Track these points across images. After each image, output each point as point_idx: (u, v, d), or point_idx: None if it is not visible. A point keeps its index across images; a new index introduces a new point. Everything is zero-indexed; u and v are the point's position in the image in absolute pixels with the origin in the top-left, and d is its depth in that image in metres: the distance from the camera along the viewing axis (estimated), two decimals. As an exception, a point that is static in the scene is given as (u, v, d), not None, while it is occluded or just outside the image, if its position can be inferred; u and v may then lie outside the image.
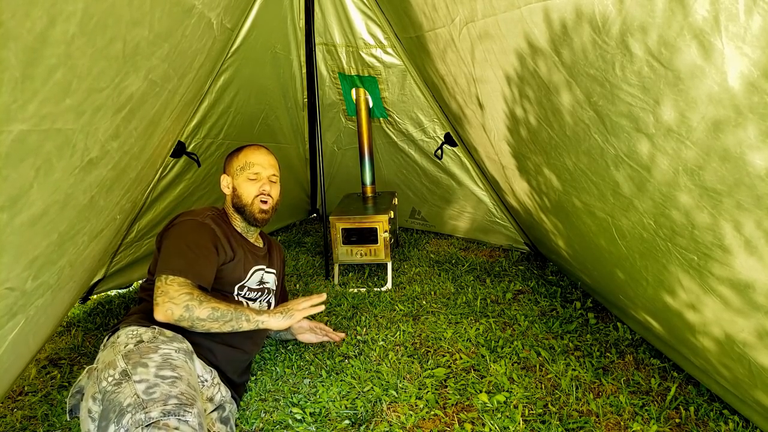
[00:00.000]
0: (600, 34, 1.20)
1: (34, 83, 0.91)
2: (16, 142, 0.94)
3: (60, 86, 0.98)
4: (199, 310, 1.73)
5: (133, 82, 1.31)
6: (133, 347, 1.58)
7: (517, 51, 1.63)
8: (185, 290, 1.74)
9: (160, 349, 1.58)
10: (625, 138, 1.34)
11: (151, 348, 1.58)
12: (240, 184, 2.12)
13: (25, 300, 1.34)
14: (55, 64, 0.93)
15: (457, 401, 1.93)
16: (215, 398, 1.75)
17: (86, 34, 0.99)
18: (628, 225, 1.61)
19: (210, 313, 1.74)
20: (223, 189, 2.16)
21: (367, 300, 2.90)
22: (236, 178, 2.14)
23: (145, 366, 1.49)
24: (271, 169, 2.19)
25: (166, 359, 1.55)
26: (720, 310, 1.39)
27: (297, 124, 3.96)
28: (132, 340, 1.62)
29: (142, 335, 1.65)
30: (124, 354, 1.55)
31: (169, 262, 1.81)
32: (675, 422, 1.76)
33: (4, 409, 2.03)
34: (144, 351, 1.56)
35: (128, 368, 1.48)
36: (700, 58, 0.98)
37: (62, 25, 0.91)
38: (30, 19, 0.82)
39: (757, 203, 1.05)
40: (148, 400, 1.38)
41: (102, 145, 1.29)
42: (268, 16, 3.05)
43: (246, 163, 2.14)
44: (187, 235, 1.90)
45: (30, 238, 1.18)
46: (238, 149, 2.22)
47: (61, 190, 1.19)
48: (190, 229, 1.93)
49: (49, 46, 0.90)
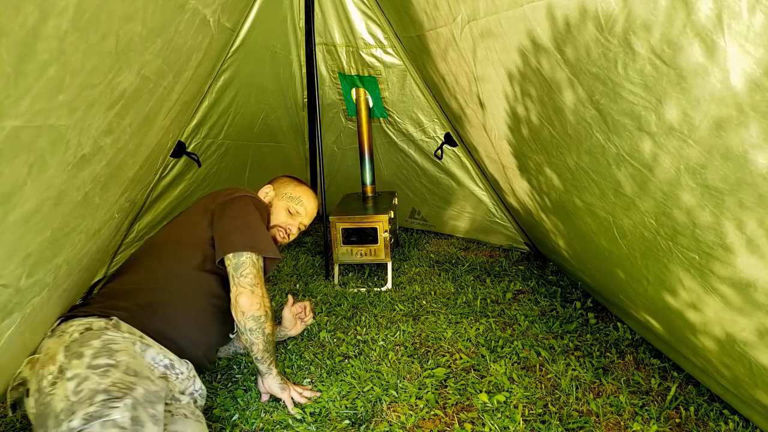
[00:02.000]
0: (603, 32, 1.19)
1: (27, 79, 0.90)
2: (9, 138, 0.93)
3: (53, 82, 0.97)
4: (269, 324, 1.81)
5: (126, 78, 1.30)
6: (77, 336, 1.47)
7: (519, 49, 1.62)
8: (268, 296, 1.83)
9: (105, 335, 1.46)
10: (627, 137, 1.33)
11: (94, 335, 1.46)
12: (279, 206, 2.17)
13: (21, 298, 1.33)
14: (47, 59, 0.93)
15: (457, 401, 1.92)
16: (187, 390, 1.68)
17: (79, 29, 0.98)
18: (629, 224, 1.60)
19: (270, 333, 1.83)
20: (261, 194, 2.22)
21: (367, 300, 2.89)
22: (280, 199, 2.20)
23: (80, 357, 1.37)
24: (308, 219, 2.27)
25: (107, 344, 1.43)
26: (721, 310, 1.38)
27: (297, 124, 3.95)
28: (80, 329, 1.51)
29: (93, 324, 1.53)
30: (66, 345, 1.43)
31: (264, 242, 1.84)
32: (675, 422, 1.75)
33: (4, 409, 2.02)
34: (86, 338, 1.44)
35: (64, 363, 1.37)
36: (703, 56, 0.97)
37: (54, 20, 0.90)
38: (21, 14, 0.82)
39: (759, 202, 1.05)
40: (75, 402, 1.26)
41: (95, 141, 1.28)
42: (268, 16, 3.05)
43: (298, 199, 2.22)
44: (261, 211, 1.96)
45: (23, 235, 1.17)
46: (300, 182, 2.31)
47: (54, 186, 1.18)
48: (261, 207, 1.98)
49: (42, 42, 0.89)
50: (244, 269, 1.76)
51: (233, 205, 1.91)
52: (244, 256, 1.77)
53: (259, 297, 1.76)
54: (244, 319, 1.75)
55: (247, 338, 1.79)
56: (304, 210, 2.22)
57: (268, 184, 2.27)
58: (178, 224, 1.98)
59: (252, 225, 1.86)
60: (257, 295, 1.76)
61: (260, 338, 1.79)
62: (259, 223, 1.89)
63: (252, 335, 1.78)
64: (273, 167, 3.85)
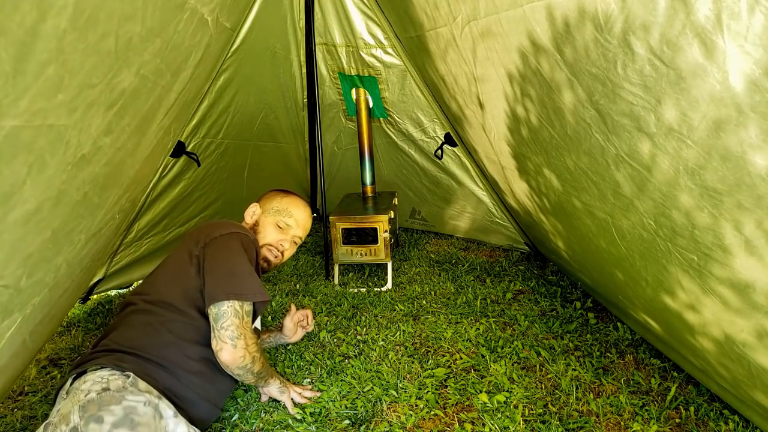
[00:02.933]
0: (602, 33, 1.19)
1: (26, 78, 0.90)
2: (9, 138, 0.94)
3: (52, 82, 0.97)
4: (257, 364, 1.72)
5: (125, 78, 1.30)
6: (95, 396, 1.37)
7: (519, 49, 1.62)
8: (255, 338, 1.71)
9: (125, 401, 1.37)
10: (626, 137, 1.33)
11: (114, 398, 1.37)
12: (266, 222, 2.04)
13: (21, 298, 1.33)
14: (46, 59, 0.93)
15: (457, 401, 1.92)
16: None
17: (78, 29, 0.98)
18: (628, 225, 1.60)
19: (260, 369, 1.74)
20: (247, 216, 2.08)
21: (367, 300, 2.89)
22: (267, 215, 2.06)
23: (99, 421, 1.30)
24: (301, 231, 2.11)
25: (128, 414, 1.35)
26: (719, 311, 1.38)
27: (297, 123, 3.95)
28: (96, 387, 1.40)
29: (111, 383, 1.42)
30: (82, 405, 1.34)
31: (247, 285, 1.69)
32: (675, 422, 1.75)
33: (4, 409, 2.03)
34: (105, 401, 1.35)
35: (80, 425, 1.29)
36: (702, 56, 0.97)
37: (53, 19, 0.90)
38: (20, 13, 0.82)
39: (758, 203, 1.05)
40: None
41: (94, 141, 1.28)
42: (268, 16, 3.05)
43: (285, 211, 2.07)
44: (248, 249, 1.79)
45: (23, 236, 1.17)
46: (287, 193, 2.15)
47: (53, 186, 1.18)
48: (248, 244, 1.82)
49: (40, 41, 0.89)
50: (225, 320, 1.63)
51: (214, 248, 1.76)
52: (225, 306, 1.64)
53: (242, 349, 1.64)
54: (229, 371, 1.68)
55: (243, 380, 1.76)
56: (294, 221, 2.07)
57: (255, 202, 2.12)
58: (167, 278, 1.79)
59: (234, 268, 1.71)
60: (240, 347, 1.63)
61: (250, 377, 1.74)
62: (242, 263, 1.74)
63: (241, 378, 1.73)
64: (272, 167, 3.85)
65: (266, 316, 2.76)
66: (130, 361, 1.54)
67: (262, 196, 2.15)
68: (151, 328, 1.66)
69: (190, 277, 1.73)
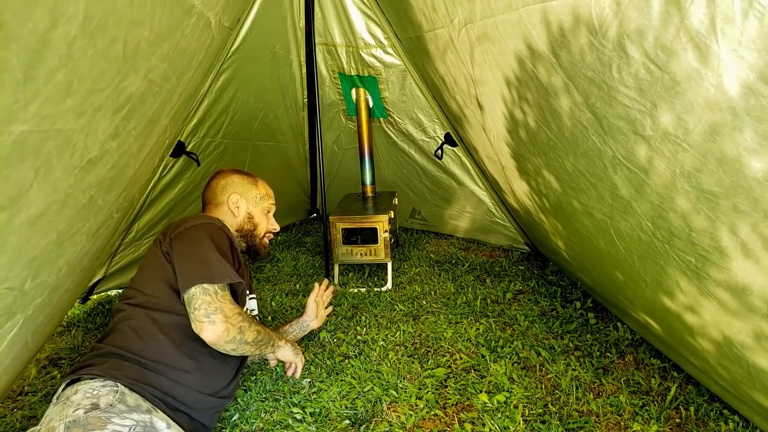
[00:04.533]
0: (597, 37, 1.20)
1: (36, 84, 0.91)
2: (17, 143, 0.95)
3: (61, 87, 0.99)
4: (248, 332, 1.67)
5: (132, 82, 1.31)
6: (82, 415, 1.34)
7: (515, 53, 1.63)
8: (237, 309, 1.66)
9: (110, 424, 1.34)
10: (622, 140, 1.34)
11: (100, 421, 1.33)
12: (257, 213, 2.09)
13: (24, 299, 1.34)
14: (56, 65, 0.94)
15: (457, 401, 1.93)
16: None
17: (87, 35, 0.99)
18: (626, 227, 1.61)
19: (254, 337, 1.70)
20: (233, 208, 2.05)
21: (367, 300, 2.91)
22: (254, 206, 2.09)
23: None
24: (274, 207, 2.20)
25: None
26: (718, 313, 1.39)
27: (297, 123, 3.96)
28: (85, 403, 1.38)
29: (100, 399, 1.40)
30: (67, 424, 1.31)
31: (215, 269, 1.66)
32: (675, 422, 1.76)
33: (4, 409, 2.04)
34: (91, 423, 1.32)
35: None
36: (697, 61, 0.98)
37: (64, 26, 0.91)
38: (32, 21, 0.83)
39: (754, 206, 1.06)
40: None
41: (101, 145, 1.29)
42: (267, 16, 3.06)
43: (266, 195, 2.14)
44: (214, 237, 1.76)
45: (29, 238, 1.18)
46: (251, 176, 2.15)
47: (60, 190, 1.19)
48: (214, 231, 1.80)
49: (51, 47, 0.91)
50: (195, 302, 1.60)
51: (179, 242, 1.74)
52: (193, 290, 1.61)
53: (222, 323, 1.59)
54: (220, 348, 1.63)
55: (242, 352, 1.71)
56: (273, 203, 2.17)
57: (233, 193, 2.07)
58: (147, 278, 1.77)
59: (199, 256, 1.69)
60: (218, 322, 1.59)
61: (249, 348, 1.70)
62: (207, 251, 1.71)
63: (236, 352, 1.68)
64: (272, 167, 3.86)
65: (266, 316, 2.78)
66: (126, 368, 1.54)
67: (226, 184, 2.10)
68: (143, 331, 1.64)
69: (168, 272, 1.73)
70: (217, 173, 2.12)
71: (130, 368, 1.54)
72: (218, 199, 2.06)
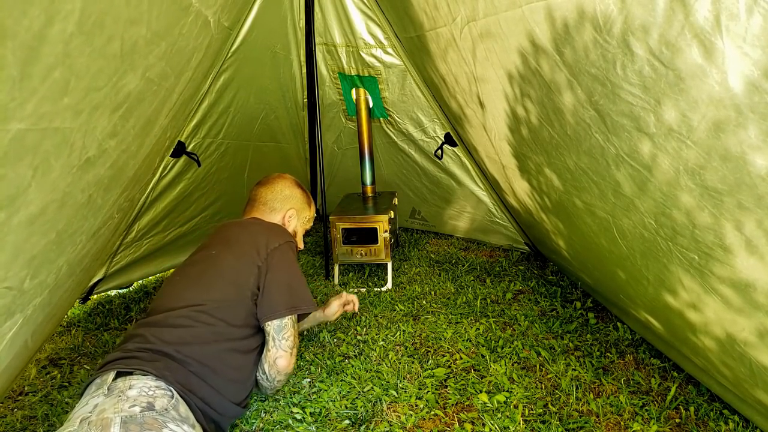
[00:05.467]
0: (601, 34, 1.20)
1: (32, 82, 0.91)
2: (15, 141, 0.94)
3: (58, 85, 0.98)
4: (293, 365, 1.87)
5: (130, 81, 1.30)
6: (138, 413, 1.34)
7: (518, 50, 1.63)
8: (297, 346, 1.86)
9: (166, 429, 1.35)
10: (626, 137, 1.34)
11: (156, 423, 1.34)
12: (300, 231, 2.22)
13: (23, 299, 1.33)
14: (53, 62, 0.93)
15: (457, 401, 1.92)
16: None
17: (84, 33, 0.99)
18: (629, 224, 1.61)
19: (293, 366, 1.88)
20: (286, 221, 2.13)
21: (367, 300, 2.90)
22: (302, 225, 2.23)
23: None
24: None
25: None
26: (721, 310, 1.38)
27: (297, 123, 3.95)
28: (142, 400, 1.39)
29: (156, 400, 1.41)
30: (123, 419, 1.31)
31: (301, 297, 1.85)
32: (675, 422, 1.75)
33: (4, 409, 2.03)
34: (147, 425, 1.32)
35: None
36: (701, 57, 0.98)
37: (60, 23, 0.90)
38: (28, 18, 0.82)
39: (758, 203, 1.05)
40: None
41: (99, 144, 1.29)
42: (268, 16, 3.05)
43: (311, 218, 2.29)
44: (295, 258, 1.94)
45: (28, 238, 1.17)
46: (308, 195, 2.26)
47: (59, 189, 1.19)
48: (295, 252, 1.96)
49: (47, 45, 0.90)
50: (286, 332, 1.78)
51: (276, 259, 1.83)
52: (286, 319, 1.79)
53: (295, 357, 1.83)
54: (278, 377, 1.83)
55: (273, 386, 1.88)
56: (312, 222, 2.31)
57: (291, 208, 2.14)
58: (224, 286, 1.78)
59: (295, 282, 1.86)
60: (294, 356, 1.82)
61: (284, 380, 1.89)
62: (299, 274, 1.90)
63: (278, 382, 1.87)
64: (272, 167, 3.84)
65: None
66: (175, 370, 1.54)
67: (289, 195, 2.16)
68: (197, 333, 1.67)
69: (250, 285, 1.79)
70: (281, 178, 2.21)
71: (179, 370, 1.55)
72: (276, 206, 2.14)
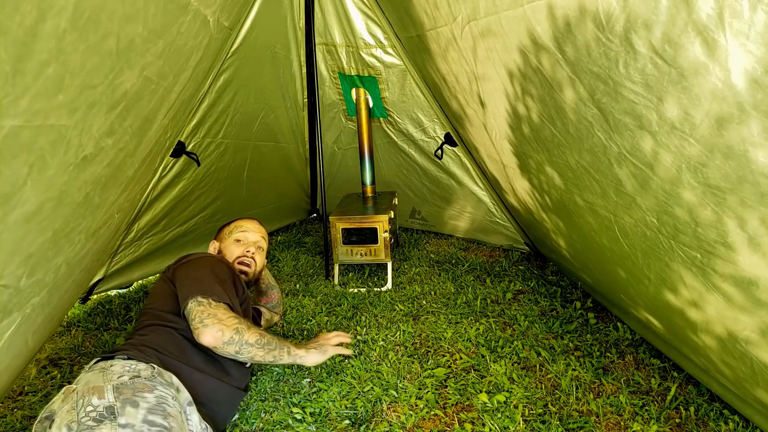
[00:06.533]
0: (603, 31, 1.19)
1: (26, 78, 0.90)
2: (8, 138, 0.93)
3: (52, 82, 0.97)
4: (248, 334, 1.69)
5: (127, 79, 1.29)
6: (127, 380, 1.41)
7: (520, 48, 1.62)
8: (232, 314, 1.72)
9: (157, 390, 1.41)
10: (628, 135, 1.33)
11: (147, 386, 1.41)
12: (226, 246, 2.21)
13: (20, 298, 1.33)
14: (46, 59, 0.92)
15: (457, 401, 1.91)
16: None
17: (78, 29, 0.98)
18: (630, 223, 1.60)
19: (258, 339, 1.70)
20: (211, 250, 2.24)
21: (367, 300, 2.89)
22: (223, 241, 2.24)
23: (135, 405, 1.33)
24: (258, 235, 2.30)
25: (161, 403, 1.39)
26: (723, 308, 1.38)
27: (297, 123, 3.95)
28: (127, 372, 1.45)
29: (141, 371, 1.48)
30: (115, 385, 1.37)
31: (208, 287, 1.77)
32: (675, 422, 1.75)
33: (4, 409, 2.02)
34: (139, 387, 1.39)
35: (116, 405, 1.31)
36: (704, 55, 0.97)
37: (53, 19, 0.89)
38: (19, 13, 0.81)
39: (761, 200, 1.05)
40: None
41: (96, 142, 1.28)
42: (267, 16, 3.05)
43: (234, 227, 2.27)
44: (213, 266, 1.90)
45: (24, 236, 1.17)
46: (230, 221, 2.34)
47: (55, 187, 1.18)
48: (214, 263, 1.94)
49: (40, 41, 0.89)
50: (191, 314, 1.68)
51: (180, 270, 1.89)
52: (189, 304, 1.71)
53: (215, 324, 1.65)
54: (222, 351, 1.67)
55: (251, 356, 1.71)
56: (244, 229, 2.26)
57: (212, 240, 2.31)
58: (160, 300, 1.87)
59: (193, 275, 1.83)
60: (211, 324, 1.64)
61: (252, 350, 1.70)
62: (204, 274, 1.84)
63: (242, 355, 1.70)
64: (272, 167, 3.84)
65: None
66: (153, 355, 1.61)
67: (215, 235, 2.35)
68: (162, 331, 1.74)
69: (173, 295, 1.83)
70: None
71: (157, 356, 1.62)
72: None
